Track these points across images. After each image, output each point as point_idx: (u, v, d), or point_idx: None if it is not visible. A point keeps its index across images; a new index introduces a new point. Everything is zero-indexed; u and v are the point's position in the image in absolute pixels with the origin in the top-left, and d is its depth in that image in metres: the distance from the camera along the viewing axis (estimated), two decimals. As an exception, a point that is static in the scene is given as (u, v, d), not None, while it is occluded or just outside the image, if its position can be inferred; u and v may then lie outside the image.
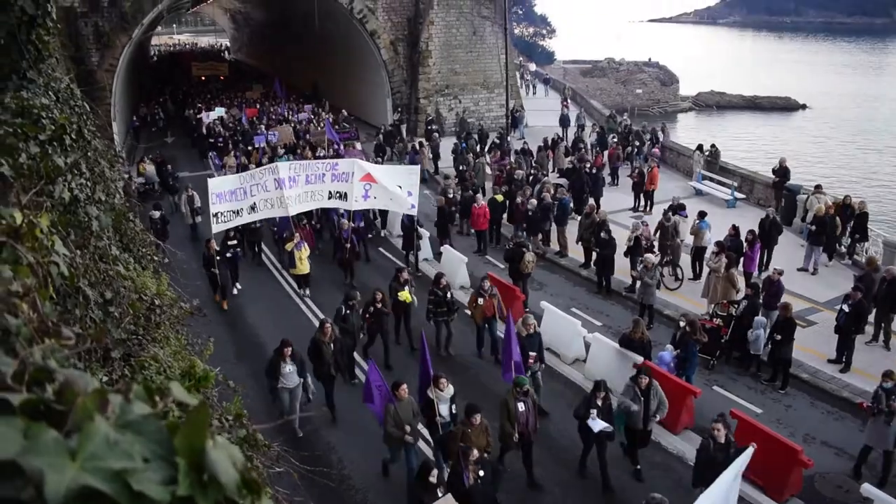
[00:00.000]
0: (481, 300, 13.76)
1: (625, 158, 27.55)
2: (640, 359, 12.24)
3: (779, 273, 14.41)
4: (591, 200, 20.82)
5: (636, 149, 27.98)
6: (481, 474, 8.59)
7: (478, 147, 28.74)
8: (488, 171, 25.55)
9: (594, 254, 17.81)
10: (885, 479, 10.11)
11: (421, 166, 21.57)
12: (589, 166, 23.57)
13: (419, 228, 18.76)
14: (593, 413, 9.91)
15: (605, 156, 27.07)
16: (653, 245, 16.85)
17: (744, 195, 23.79)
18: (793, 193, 21.16)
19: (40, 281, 1.56)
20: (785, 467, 9.81)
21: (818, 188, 19.76)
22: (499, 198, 20.91)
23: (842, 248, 18.67)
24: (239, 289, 17.93)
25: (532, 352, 11.82)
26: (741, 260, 16.25)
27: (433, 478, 8.26)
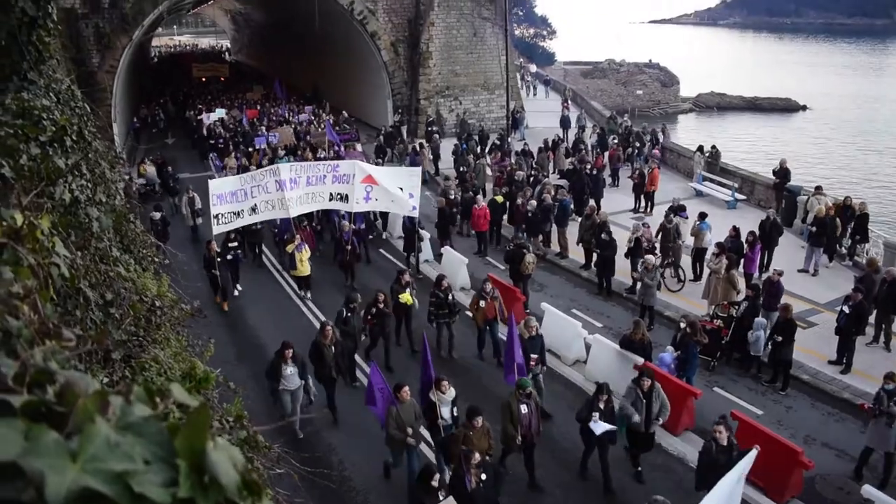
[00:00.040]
0: (483, 302, 13.73)
1: (625, 160, 27.52)
2: (640, 360, 12.24)
3: (779, 274, 14.40)
4: (592, 202, 20.81)
5: (637, 150, 27.97)
6: (483, 478, 8.56)
7: (478, 148, 28.76)
8: (489, 173, 25.55)
9: (595, 255, 17.82)
10: (885, 481, 10.10)
11: (421, 167, 21.56)
12: (589, 167, 23.58)
13: (420, 230, 18.77)
14: (595, 416, 9.89)
15: (606, 157, 27.07)
16: (654, 247, 16.83)
17: (744, 196, 23.79)
18: (793, 195, 21.15)
19: (41, 282, 1.56)
20: (786, 469, 9.80)
21: (818, 189, 19.77)
22: (499, 199, 20.91)
23: (842, 250, 18.66)
24: (240, 290, 17.93)
25: (534, 354, 11.78)
26: (742, 261, 16.25)
27: (435, 482, 8.24)
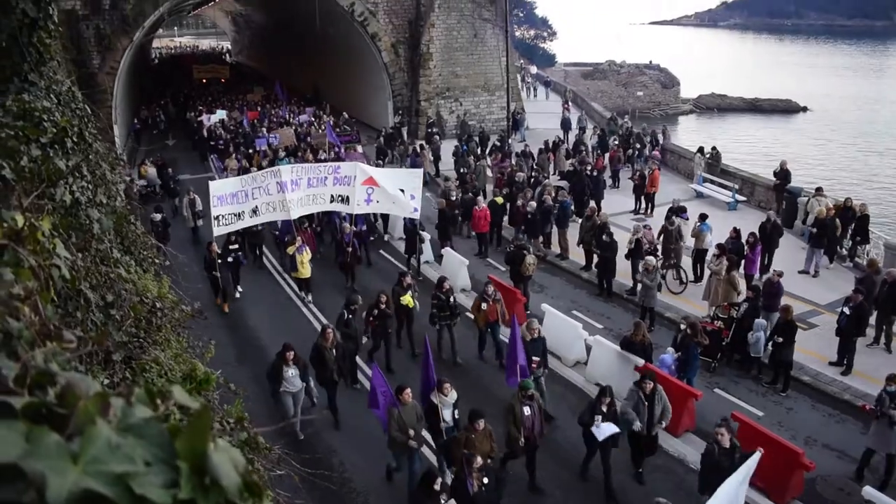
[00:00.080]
0: (485, 305, 13.68)
1: (626, 161, 27.52)
2: (641, 361, 12.24)
3: (778, 274, 14.40)
4: (592, 203, 20.80)
5: (637, 151, 27.96)
6: (485, 482, 8.51)
7: (479, 150, 28.76)
8: (489, 174, 25.56)
9: (595, 256, 17.82)
10: (886, 482, 10.09)
11: (422, 169, 21.54)
12: (590, 169, 23.58)
13: (421, 232, 18.75)
14: (598, 419, 9.84)
15: (606, 158, 27.07)
16: (656, 249, 16.82)
17: (745, 198, 23.77)
18: (794, 196, 21.15)
19: (42, 284, 1.56)
20: (786, 470, 9.79)
21: (819, 191, 19.76)
22: (498, 200, 20.91)
23: (843, 251, 18.66)
24: (241, 291, 17.92)
25: (536, 356, 11.73)
26: (742, 262, 16.24)
27: (437, 485, 8.20)
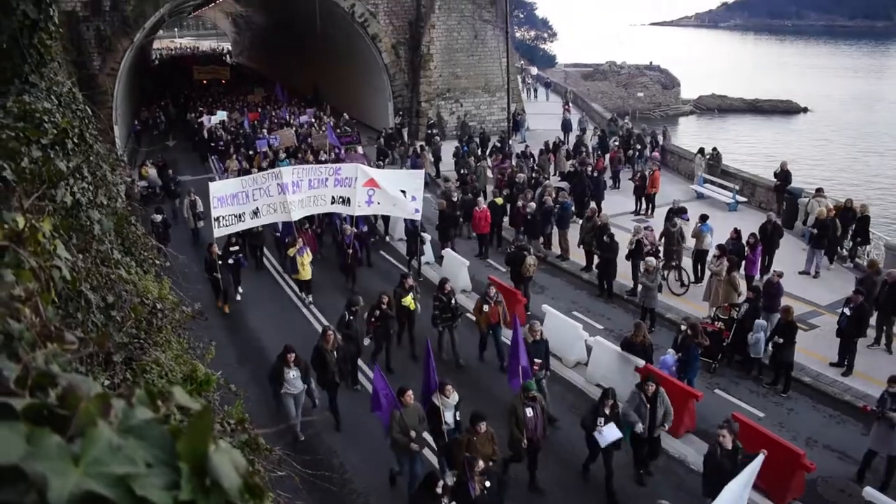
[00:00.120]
0: (486, 307, 13.63)
1: (626, 162, 27.52)
2: (641, 362, 12.24)
3: (778, 275, 14.39)
4: (593, 204, 20.80)
5: (638, 152, 27.96)
6: (487, 485, 8.45)
7: (479, 150, 28.76)
8: (489, 175, 25.56)
9: (595, 257, 17.82)
10: (887, 483, 10.08)
11: (423, 170, 21.51)
12: (590, 170, 23.58)
13: (422, 234, 18.73)
14: (600, 422, 9.79)
15: (607, 159, 27.07)
16: (658, 250, 16.81)
17: (745, 198, 23.79)
18: (794, 197, 21.15)
19: (43, 285, 1.56)
20: (787, 471, 9.77)
21: (819, 191, 19.75)
22: (498, 201, 20.91)
23: (843, 252, 18.66)
24: (241, 293, 17.90)
25: (538, 359, 11.68)
26: (743, 263, 16.24)
27: (439, 488, 8.17)
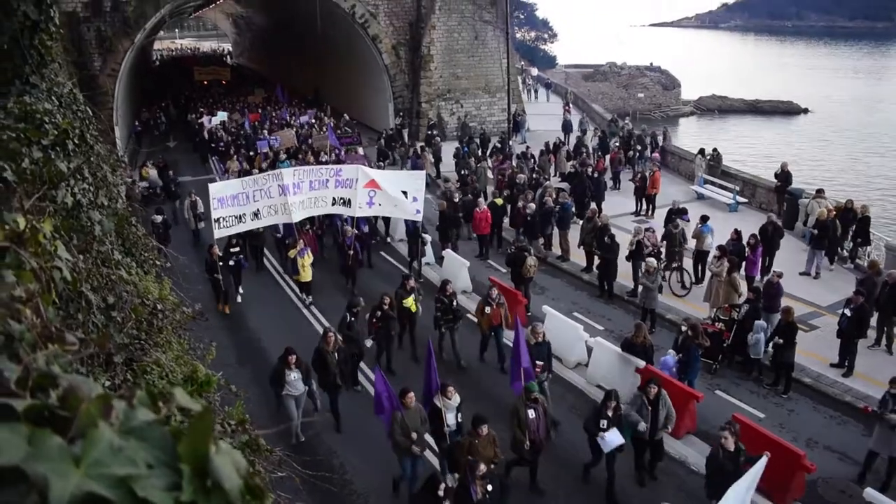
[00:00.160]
0: (488, 308, 13.60)
1: (626, 162, 27.51)
2: (642, 363, 12.23)
3: (778, 275, 14.39)
4: (593, 205, 20.79)
5: (638, 153, 27.96)
6: (489, 489, 8.40)
7: (479, 151, 28.75)
8: (490, 176, 25.56)
9: (596, 258, 17.81)
10: (887, 484, 10.07)
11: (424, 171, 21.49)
12: (591, 170, 23.58)
13: (423, 235, 18.70)
14: (603, 425, 9.76)
15: (607, 160, 27.06)
16: (660, 252, 16.79)
17: (746, 199, 23.79)
18: (795, 197, 21.14)
19: (43, 286, 1.56)
20: (788, 472, 9.76)
21: (819, 192, 19.74)
22: (498, 201, 20.90)
23: (844, 252, 18.65)
24: (241, 294, 17.89)
25: (540, 361, 11.65)
26: (743, 264, 16.24)
27: (441, 491, 8.14)
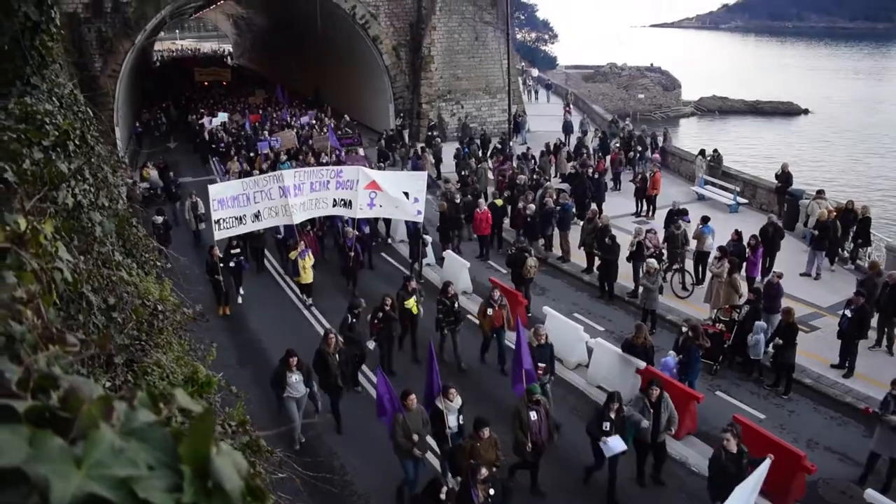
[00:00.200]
0: (491, 310, 13.59)
1: (627, 163, 27.51)
2: (642, 364, 12.23)
3: (778, 276, 14.39)
4: (594, 205, 20.79)
5: (639, 154, 27.96)
6: (491, 493, 8.36)
7: (480, 152, 28.75)
8: (490, 176, 25.56)
9: (596, 259, 17.81)
10: (888, 485, 10.07)
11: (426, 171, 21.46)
12: (591, 171, 23.58)
13: (424, 236, 18.70)
14: (606, 427, 9.73)
15: (608, 161, 27.06)
16: (662, 254, 16.79)
17: (746, 200, 23.79)
18: (795, 198, 21.14)
19: (44, 287, 1.56)
20: (788, 473, 9.76)
21: (820, 193, 19.73)
22: (498, 202, 20.90)
23: (844, 253, 18.65)
24: (242, 294, 17.88)
25: (542, 363, 11.63)
26: (744, 265, 16.24)
27: (443, 494, 8.11)
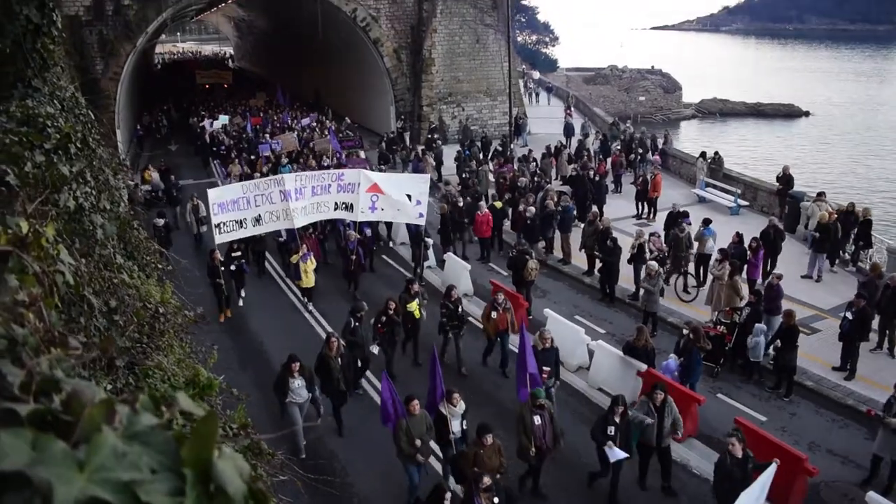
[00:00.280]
0: (495, 314, 13.56)
1: (628, 166, 27.50)
2: (643, 366, 12.22)
3: (777, 277, 14.38)
4: (595, 208, 20.79)
5: (640, 156, 27.96)
6: (496, 501, 8.28)
7: (481, 154, 28.75)
8: (491, 179, 25.56)
9: (598, 261, 17.81)
10: (890, 488, 10.05)
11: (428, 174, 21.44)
12: (592, 174, 23.58)
13: (426, 239, 18.69)
14: (611, 431, 9.71)
15: (609, 163, 27.05)
16: (665, 257, 16.76)
17: (747, 202, 23.79)
18: (796, 201, 21.14)
19: (46, 290, 1.56)
20: (790, 475, 9.73)
21: (821, 195, 19.73)
22: (498, 204, 20.89)
23: (846, 256, 18.63)
24: (243, 297, 17.88)
25: (547, 367, 11.59)
26: (745, 267, 16.23)
27: (447, 501, 8.05)
